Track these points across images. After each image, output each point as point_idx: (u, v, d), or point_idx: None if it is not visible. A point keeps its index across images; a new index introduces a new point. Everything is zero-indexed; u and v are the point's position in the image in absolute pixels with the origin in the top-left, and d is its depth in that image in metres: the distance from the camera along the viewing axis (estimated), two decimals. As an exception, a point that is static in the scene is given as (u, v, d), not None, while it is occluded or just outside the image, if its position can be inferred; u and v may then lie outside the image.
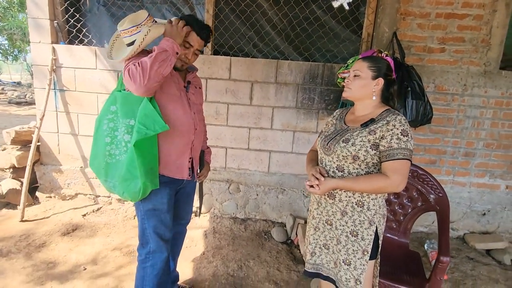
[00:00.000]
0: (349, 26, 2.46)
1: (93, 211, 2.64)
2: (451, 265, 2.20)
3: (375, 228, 1.19)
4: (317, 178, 1.17)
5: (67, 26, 2.58)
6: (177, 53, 1.23)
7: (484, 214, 2.59)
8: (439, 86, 2.42)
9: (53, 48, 2.51)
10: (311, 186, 1.17)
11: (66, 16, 2.55)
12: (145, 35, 1.21)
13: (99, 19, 2.62)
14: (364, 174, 1.17)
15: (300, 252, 2.27)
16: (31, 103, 9.64)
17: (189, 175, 1.42)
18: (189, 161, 1.41)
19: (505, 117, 2.45)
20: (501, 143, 2.49)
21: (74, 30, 2.56)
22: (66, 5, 2.53)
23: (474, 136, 2.49)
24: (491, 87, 2.40)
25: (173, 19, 1.30)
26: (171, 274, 1.60)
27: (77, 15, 2.54)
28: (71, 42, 2.61)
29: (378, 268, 1.30)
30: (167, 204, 1.36)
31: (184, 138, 1.35)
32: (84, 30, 2.57)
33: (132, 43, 1.23)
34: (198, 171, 1.56)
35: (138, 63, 1.15)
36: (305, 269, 1.35)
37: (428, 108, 2.07)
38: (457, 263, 2.25)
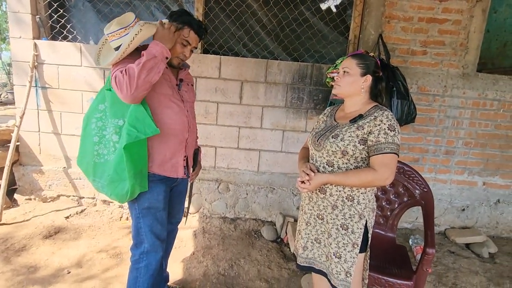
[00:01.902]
0: (336, 28, 2.52)
1: (77, 213, 2.55)
2: (434, 259, 2.29)
3: (365, 222, 1.23)
4: (307, 174, 1.20)
5: (50, 21, 2.49)
6: (166, 58, 1.19)
7: (464, 209, 2.71)
8: (422, 87, 2.52)
9: (35, 44, 2.42)
10: (302, 182, 1.19)
11: (49, 11, 2.47)
12: (136, 34, 1.15)
13: (84, 15, 2.55)
14: (353, 168, 1.20)
15: (290, 250, 2.28)
16: (7, 103, 9.20)
17: (184, 173, 1.40)
18: (184, 160, 1.39)
19: (482, 117, 2.58)
20: (478, 142, 2.63)
21: (58, 26, 2.48)
22: (49, -1, 2.45)
23: (454, 135, 2.61)
24: (469, 89, 2.53)
25: (164, 20, 1.25)
26: (163, 274, 1.58)
27: (61, 10, 2.46)
28: (54, 38, 2.52)
29: (368, 261, 1.33)
30: (163, 202, 1.34)
31: (178, 137, 1.33)
32: (69, 26, 2.50)
33: (120, 47, 1.18)
34: (192, 170, 1.54)
35: (125, 70, 1.11)
36: (298, 263, 1.37)
37: (412, 108, 2.15)
38: (440, 257, 2.34)
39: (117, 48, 1.19)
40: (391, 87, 2.09)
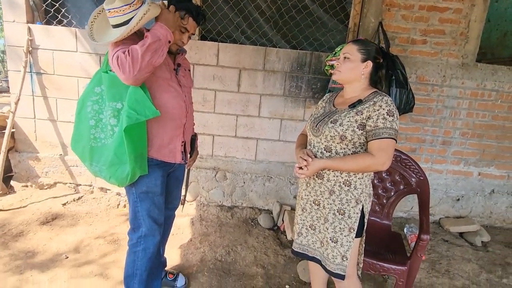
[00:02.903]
0: (336, 15, 2.49)
1: (74, 200, 2.55)
2: (428, 247, 2.33)
3: (361, 207, 1.24)
4: (305, 160, 1.20)
5: (44, 5, 2.44)
6: (169, 42, 1.18)
7: (458, 199, 2.74)
8: (421, 77, 2.51)
9: (29, 28, 2.37)
10: (300, 168, 1.20)
11: (43, -6, 2.41)
12: (144, 13, 1.11)
13: (79, -1, 2.49)
14: (351, 154, 1.20)
15: (286, 238, 2.31)
16: (1, 91, 9.08)
17: (182, 159, 1.40)
18: (182, 145, 1.39)
19: (479, 108, 2.59)
20: (475, 132, 2.64)
21: (52, 10, 2.43)
22: (42, -18, 2.39)
23: (451, 125, 2.62)
24: (467, 79, 2.53)
25: (167, 2, 1.23)
26: (160, 259, 1.59)
27: (55, -6, 2.41)
28: (48, 23, 2.47)
29: (363, 245, 1.35)
30: (160, 187, 1.34)
31: (176, 122, 1.33)
32: (63, 10, 2.44)
33: (122, 24, 1.14)
34: (189, 156, 1.54)
35: (128, 51, 1.09)
36: (292, 248, 1.39)
37: (411, 97, 2.14)
38: (434, 245, 2.38)
39: (116, 26, 1.16)
40: (390, 76, 2.08)
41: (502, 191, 2.75)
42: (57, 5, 2.42)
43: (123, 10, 1.13)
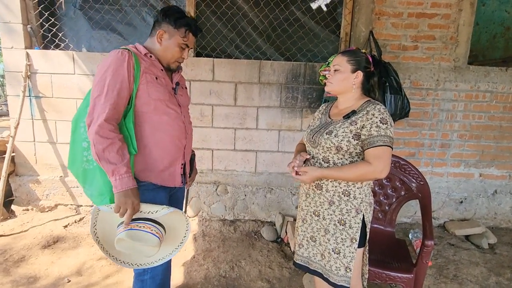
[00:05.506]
0: (327, 26, 2.54)
1: (75, 222, 2.53)
2: (434, 252, 2.30)
3: (362, 216, 1.23)
4: (296, 160, 1.25)
5: (41, 30, 2.49)
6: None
7: (461, 202, 2.73)
8: (414, 82, 2.54)
9: (27, 54, 2.41)
10: (297, 174, 1.23)
11: (41, 20, 2.47)
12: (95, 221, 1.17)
13: (76, 23, 2.55)
14: (349, 163, 1.21)
15: (290, 250, 2.28)
16: (1, 114, 9.15)
17: (181, 182, 1.35)
18: (181, 167, 1.34)
19: (475, 109, 2.61)
20: (473, 134, 2.65)
21: (49, 35, 2.48)
22: (40, 9, 2.45)
23: (448, 128, 2.63)
24: (461, 81, 2.56)
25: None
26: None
27: (52, 19, 2.46)
28: (46, 47, 2.52)
29: (367, 255, 1.34)
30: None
31: (176, 144, 1.28)
32: (60, 35, 2.50)
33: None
34: (189, 176, 1.52)
35: (102, 125, 1.09)
36: (294, 260, 1.37)
37: (406, 102, 2.17)
38: (440, 249, 2.35)
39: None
40: (384, 83, 2.11)
41: (505, 191, 2.73)
42: (54, 29, 2.48)
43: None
